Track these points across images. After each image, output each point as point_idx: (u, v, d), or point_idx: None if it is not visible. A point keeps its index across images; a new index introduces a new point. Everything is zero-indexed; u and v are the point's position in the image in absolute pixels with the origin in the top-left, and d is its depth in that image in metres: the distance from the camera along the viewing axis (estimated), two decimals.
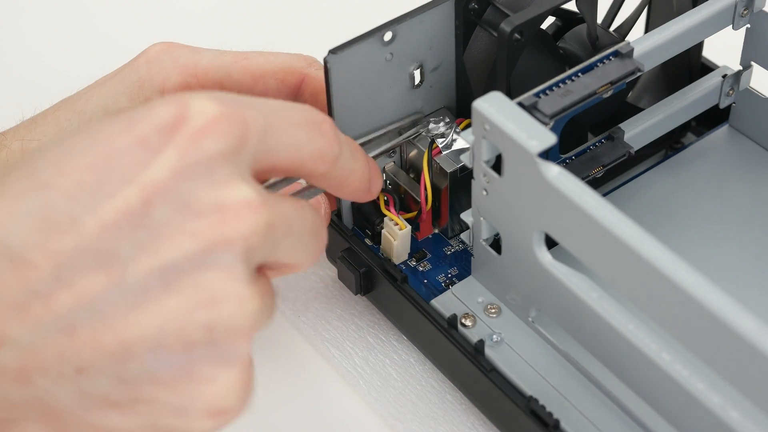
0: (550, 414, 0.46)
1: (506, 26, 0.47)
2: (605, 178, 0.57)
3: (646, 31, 0.57)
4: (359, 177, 0.44)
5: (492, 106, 0.44)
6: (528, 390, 0.47)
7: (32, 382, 0.34)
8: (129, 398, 0.35)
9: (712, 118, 0.59)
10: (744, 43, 0.55)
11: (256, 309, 0.36)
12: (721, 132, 0.59)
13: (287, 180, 0.44)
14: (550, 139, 0.43)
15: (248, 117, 0.37)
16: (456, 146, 0.52)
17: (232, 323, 0.36)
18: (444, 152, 0.52)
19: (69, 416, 0.35)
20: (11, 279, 0.34)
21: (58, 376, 0.34)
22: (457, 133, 0.52)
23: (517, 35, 0.47)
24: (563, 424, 0.46)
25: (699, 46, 0.57)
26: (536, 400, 0.46)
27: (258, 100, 0.39)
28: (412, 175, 0.54)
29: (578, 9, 0.50)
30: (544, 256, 0.46)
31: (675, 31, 0.50)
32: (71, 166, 0.35)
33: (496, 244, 0.49)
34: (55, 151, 0.35)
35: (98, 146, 0.35)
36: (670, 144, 0.60)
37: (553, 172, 0.43)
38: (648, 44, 0.49)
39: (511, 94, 0.45)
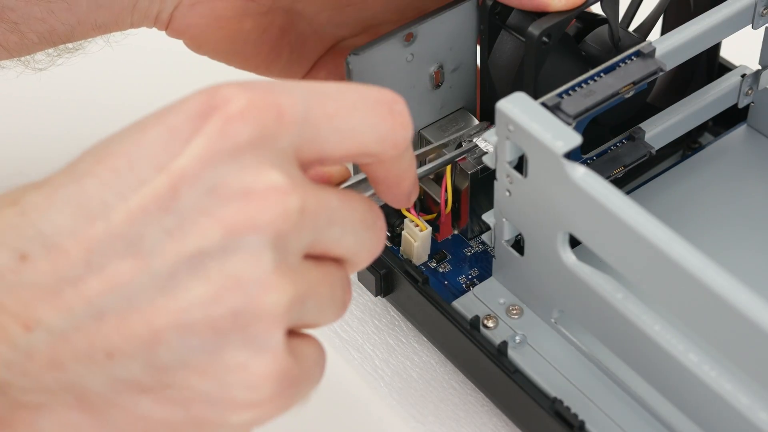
0: (575, 415, 0.46)
1: (534, 30, 0.47)
2: (624, 179, 0.56)
3: (663, 31, 0.57)
4: (413, 176, 0.42)
5: (516, 106, 0.44)
6: (552, 391, 0.47)
7: (64, 367, 0.34)
8: (160, 384, 0.35)
9: (728, 118, 0.59)
10: (763, 42, 0.55)
11: (287, 297, 0.36)
12: (740, 132, 0.59)
13: (365, 182, 0.43)
14: (575, 139, 0.43)
15: (283, 103, 0.36)
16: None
17: (259, 308, 0.36)
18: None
19: (101, 402, 0.35)
20: (45, 265, 0.34)
21: (89, 362, 0.34)
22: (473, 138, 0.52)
23: (544, 39, 0.47)
24: (588, 425, 0.46)
25: (717, 46, 0.57)
26: (561, 402, 0.46)
27: (299, 84, 0.38)
28: (432, 177, 0.54)
29: (602, 10, 0.50)
30: (569, 257, 0.46)
31: (696, 31, 0.50)
32: (107, 153, 0.35)
33: (517, 245, 0.49)
34: (96, 146, 0.36)
35: (133, 135, 0.36)
36: (687, 144, 0.59)
37: (579, 172, 0.42)
38: (670, 44, 0.49)
39: (536, 98, 0.45)
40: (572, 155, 0.43)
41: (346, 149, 0.38)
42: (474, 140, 0.51)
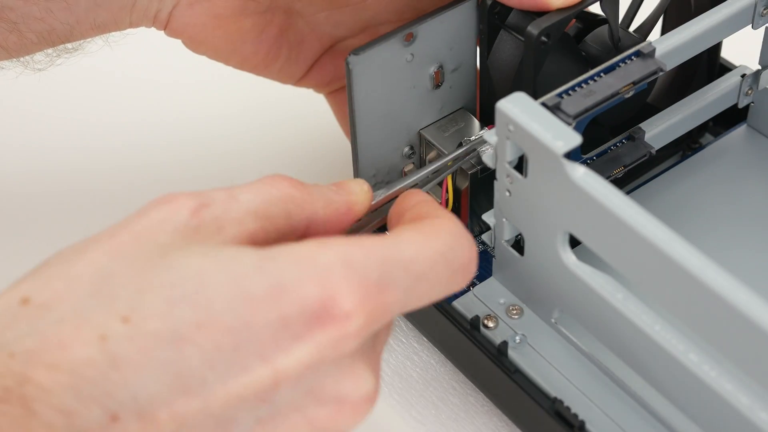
0: (575, 415, 0.46)
1: (533, 29, 0.47)
2: (624, 179, 0.56)
3: (663, 31, 0.57)
4: None
5: (516, 106, 0.44)
6: (552, 391, 0.47)
7: None
8: None
9: (729, 118, 0.59)
10: (763, 42, 0.55)
11: None
12: (740, 132, 0.59)
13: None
14: (575, 139, 0.43)
15: (391, 304, 0.37)
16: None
17: None
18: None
19: None
20: (134, 430, 0.34)
21: None
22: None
23: (543, 38, 0.47)
24: (588, 426, 0.46)
25: (717, 46, 0.57)
26: (561, 402, 0.46)
27: (404, 266, 0.38)
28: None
29: (602, 10, 0.50)
30: (569, 257, 0.46)
31: (696, 31, 0.50)
32: (211, 322, 0.34)
33: (517, 245, 0.49)
34: (191, 281, 0.35)
35: (242, 308, 0.35)
36: (687, 144, 0.59)
37: (580, 172, 0.42)
38: (670, 44, 0.49)
39: (536, 98, 0.45)
40: (572, 155, 0.43)
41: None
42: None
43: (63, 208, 0.63)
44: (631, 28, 0.54)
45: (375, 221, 0.45)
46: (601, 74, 0.48)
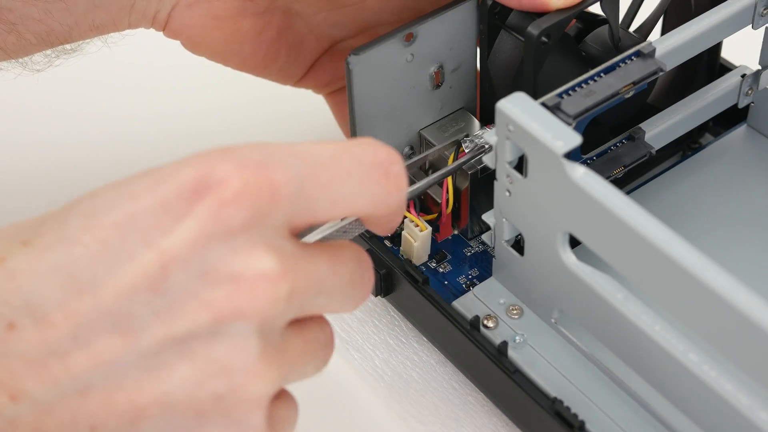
0: (575, 415, 0.46)
1: (533, 30, 0.47)
2: (624, 180, 0.56)
3: (663, 31, 0.57)
4: (400, 218, 0.42)
5: (516, 106, 0.44)
6: (552, 391, 0.47)
7: None
8: None
9: (729, 118, 0.59)
10: (763, 42, 0.55)
11: (271, 383, 0.37)
12: (740, 132, 0.59)
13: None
14: (575, 139, 0.43)
15: (277, 180, 0.36)
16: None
17: (242, 395, 0.36)
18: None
19: None
20: (32, 336, 0.34)
21: None
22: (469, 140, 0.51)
23: (544, 38, 0.47)
24: (588, 426, 0.46)
25: (717, 46, 0.57)
26: (561, 402, 0.46)
27: (293, 154, 0.37)
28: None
29: (602, 10, 0.50)
30: (569, 257, 0.46)
31: (696, 31, 0.50)
32: (97, 222, 0.35)
33: (517, 245, 0.49)
34: (85, 203, 0.36)
35: (124, 204, 0.35)
36: (687, 144, 0.59)
37: (579, 172, 0.42)
38: (670, 44, 0.49)
39: (536, 98, 0.45)
40: (572, 155, 0.43)
41: (338, 214, 0.39)
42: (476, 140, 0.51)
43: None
44: (632, 29, 0.54)
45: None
46: (601, 74, 0.48)
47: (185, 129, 0.67)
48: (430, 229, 0.52)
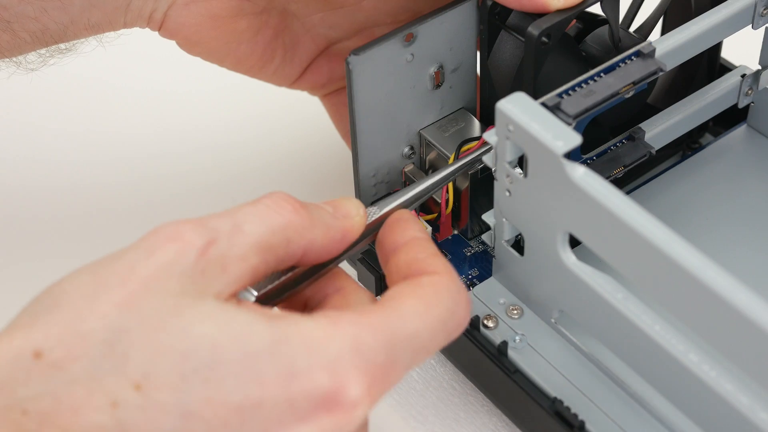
0: (575, 415, 0.46)
1: (534, 30, 0.47)
2: (624, 180, 0.56)
3: (663, 31, 0.57)
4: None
5: (516, 106, 0.44)
6: (552, 391, 0.47)
7: None
8: None
9: (729, 118, 0.59)
10: (763, 42, 0.55)
11: None
12: (740, 132, 0.59)
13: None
14: (575, 139, 0.43)
15: (394, 381, 0.38)
16: None
17: None
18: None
19: None
20: None
21: None
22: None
23: (544, 39, 0.47)
24: (588, 426, 0.46)
25: (717, 46, 0.57)
26: (561, 402, 0.46)
27: (413, 346, 0.39)
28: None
29: (602, 11, 0.50)
30: (569, 257, 0.46)
31: (696, 31, 0.50)
32: (221, 399, 0.35)
33: (517, 245, 0.49)
34: (211, 369, 0.35)
35: (251, 387, 0.35)
36: (687, 144, 0.59)
37: (579, 172, 0.42)
38: (670, 44, 0.49)
39: (536, 98, 0.45)
40: (572, 155, 0.43)
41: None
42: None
43: (59, 208, 0.63)
44: (632, 29, 0.54)
45: (365, 239, 0.45)
46: (601, 74, 0.48)
47: (183, 128, 0.67)
48: (429, 229, 0.52)
